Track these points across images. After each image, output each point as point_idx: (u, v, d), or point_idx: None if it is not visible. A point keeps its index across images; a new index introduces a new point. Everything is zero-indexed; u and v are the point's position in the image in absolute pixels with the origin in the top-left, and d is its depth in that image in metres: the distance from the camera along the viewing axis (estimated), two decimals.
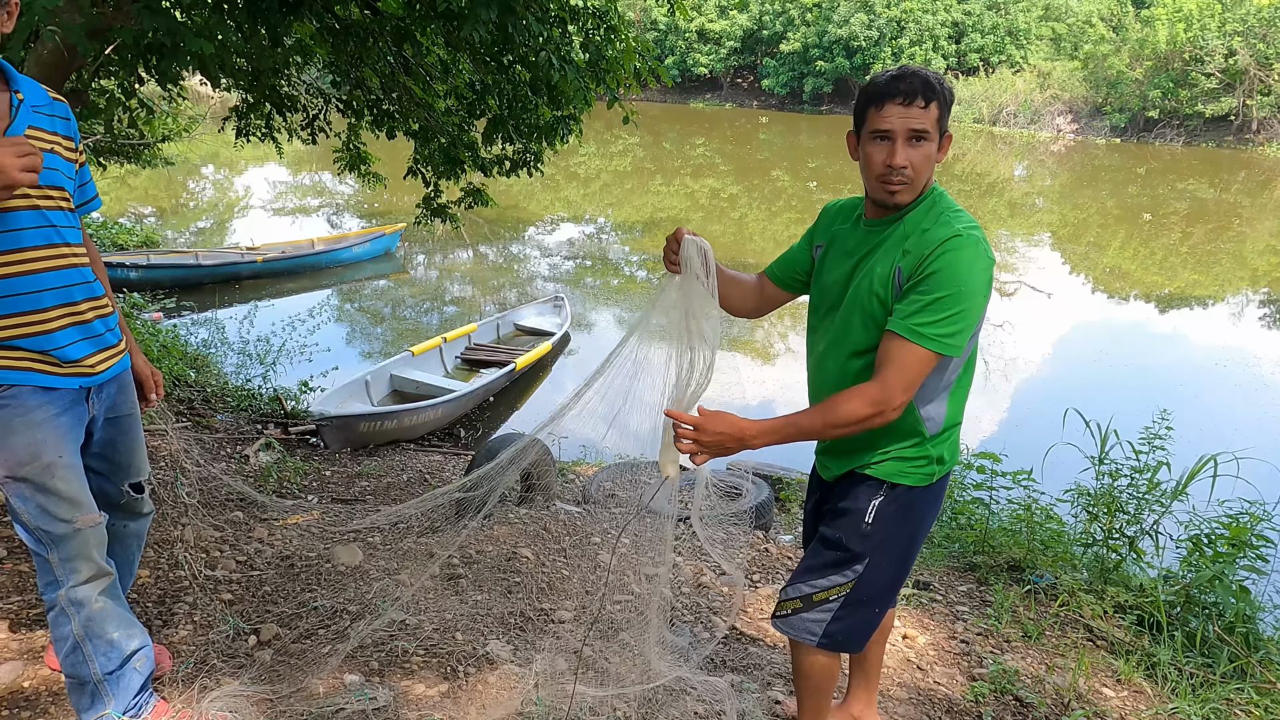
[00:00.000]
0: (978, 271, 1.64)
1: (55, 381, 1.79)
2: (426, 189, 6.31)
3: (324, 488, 4.84)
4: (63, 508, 1.78)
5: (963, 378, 1.81)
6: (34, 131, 1.76)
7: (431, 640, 2.45)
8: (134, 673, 1.92)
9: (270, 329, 8.22)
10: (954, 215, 1.70)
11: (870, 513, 1.80)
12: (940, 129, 1.70)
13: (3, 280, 1.70)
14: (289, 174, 21.44)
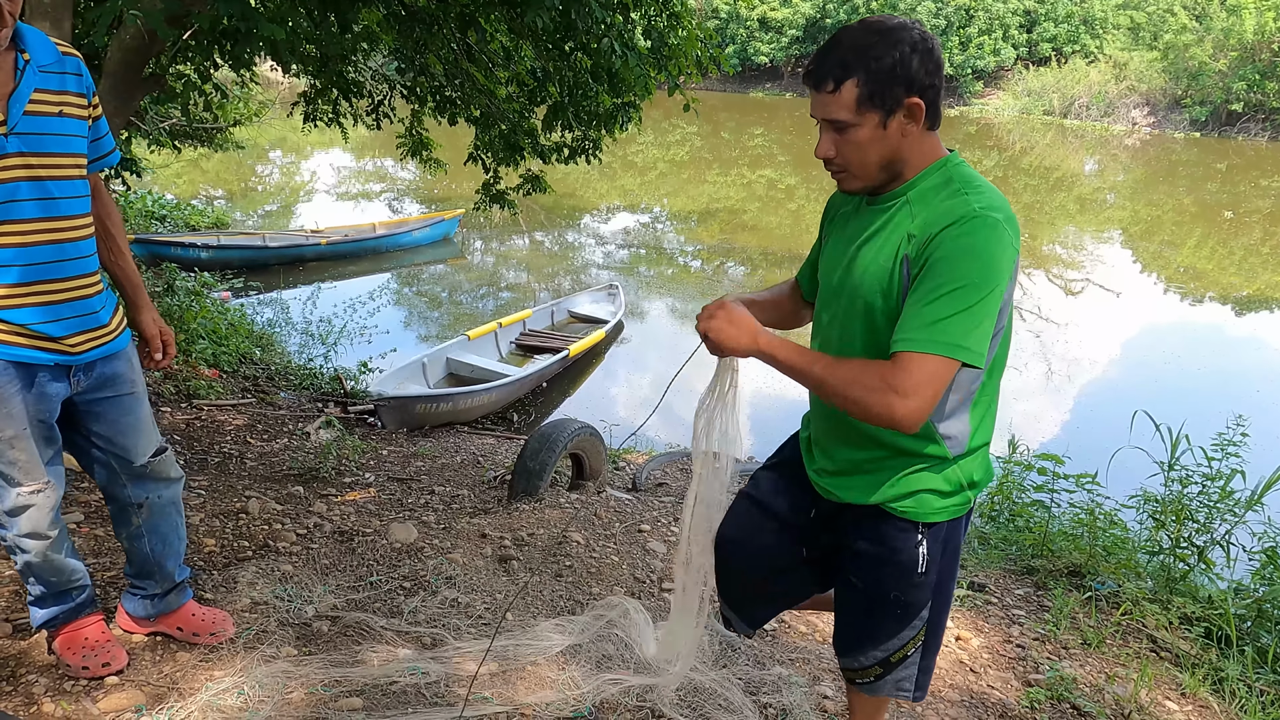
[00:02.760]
0: (1000, 260, 1.36)
1: (34, 357, 1.78)
2: (486, 175, 6.38)
3: (380, 466, 4.94)
4: (16, 475, 1.83)
5: (986, 386, 1.54)
6: (40, 94, 1.73)
7: (484, 619, 2.49)
8: (69, 599, 2.04)
9: (332, 310, 8.44)
10: (972, 190, 1.41)
11: (922, 562, 1.58)
12: (880, 106, 1.39)
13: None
14: (352, 159, 21.88)
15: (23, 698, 1.97)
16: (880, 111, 1.40)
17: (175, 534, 2.17)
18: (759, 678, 2.42)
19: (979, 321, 1.35)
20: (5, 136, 1.67)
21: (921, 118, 1.42)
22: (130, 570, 2.17)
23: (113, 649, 2.09)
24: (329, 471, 4.42)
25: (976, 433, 1.55)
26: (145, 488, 2.06)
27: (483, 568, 2.83)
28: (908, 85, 1.39)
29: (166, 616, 2.21)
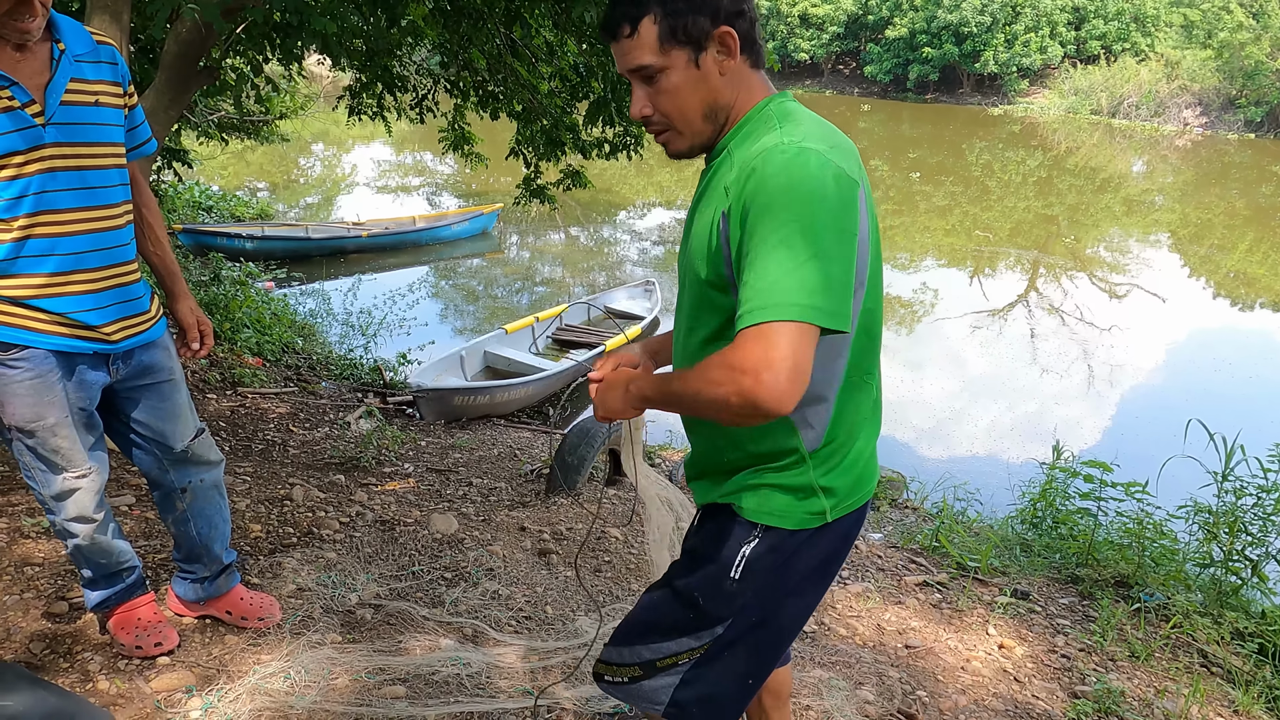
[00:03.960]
0: (824, 192, 1.10)
1: (74, 346, 1.80)
2: (527, 170, 6.40)
3: (419, 457, 4.99)
4: (60, 461, 1.86)
5: (856, 368, 1.27)
6: (76, 84, 1.74)
7: (524, 612, 2.50)
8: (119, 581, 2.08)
9: (372, 302, 8.54)
10: (788, 123, 1.19)
11: (738, 566, 1.30)
12: (686, 41, 1.19)
13: (31, 241, 1.71)
14: (392, 153, 22.12)
15: (79, 674, 2.02)
16: (688, 48, 1.20)
17: (220, 517, 2.20)
18: (799, 679, 2.40)
19: (826, 271, 1.08)
20: (43, 126, 1.69)
21: (737, 50, 1.21)
22: (178, 554, 2.21)
23: (164, 629, 2.13)
24: (369, 461, 4.47)
25: (837, 423, 1.28)
26: (187, 473, 2.09)
27: (522, 560, 2.85)
28: (713, 13, 1.19)
29: (215, 600, 2.25)
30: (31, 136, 1.67)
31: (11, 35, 1.62)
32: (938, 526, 3.90)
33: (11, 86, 1.64)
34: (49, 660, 2.07)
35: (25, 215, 1.69)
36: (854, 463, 1.32)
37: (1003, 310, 10.77)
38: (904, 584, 3.24)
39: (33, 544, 2.58)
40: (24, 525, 2.67)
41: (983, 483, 5.46)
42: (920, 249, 14.18)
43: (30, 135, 1.67)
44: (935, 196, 18.35)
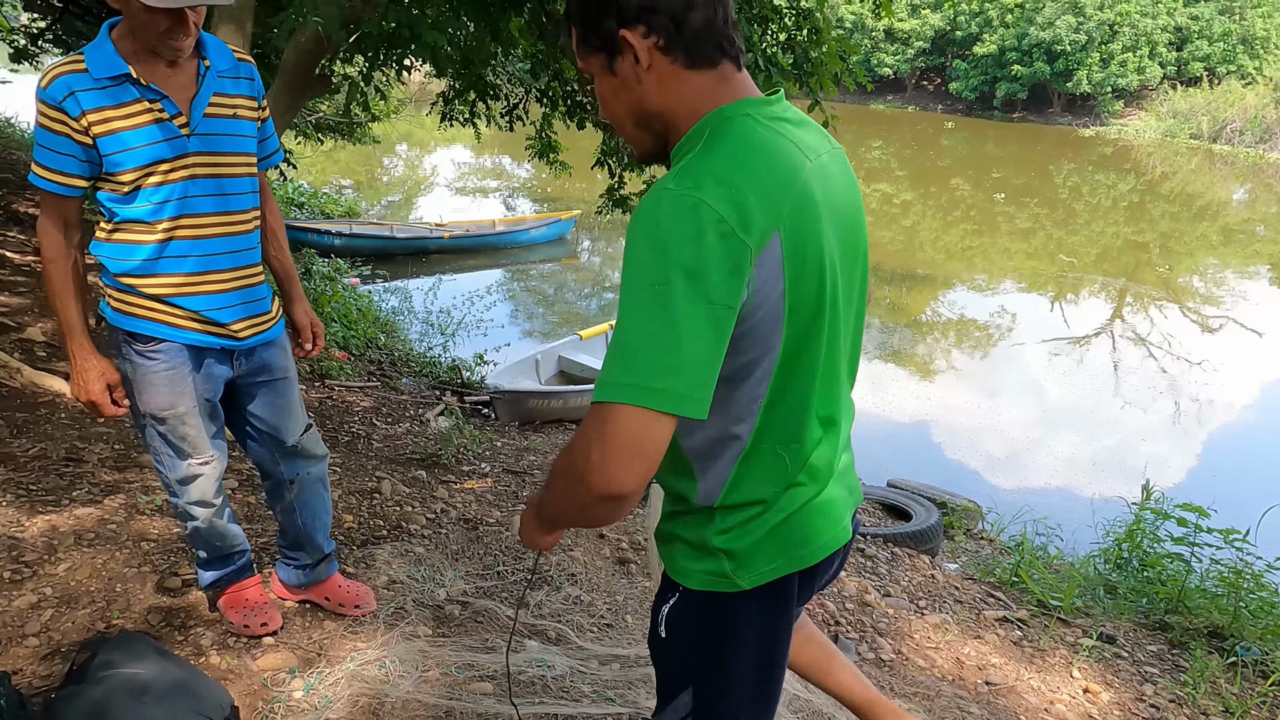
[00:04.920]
0: (675, 245, 0.95)
1: (205, 341, 1.92)
2: (611, 179, 6.49)
3: (495, 457, 5.10)
4: (186, 448, 1.98)
5: (769, 434, 1.10)
6: (218, 98, 1.85)
7: (604, 619, 2.55)
8: (230, 563, 2.20)
9: (451, 301, 8.76)
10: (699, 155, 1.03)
11: (661, 623, 1.22)
12: (597, 47, 1.09)
13: (174, 242, 1.82)
14: (471, 155, 22.63)
15: (192, 648, 2.15)
16: (600, 54, 1.10)
17: (323, 508, 2.30)
18: None
19: (673, 344, 0.94)
20: (188, 137, 1.80)
21: (650, 54, 1.07)
22: (284, 541, 2.33)
23: (270, 610, 2.25)
24: (449, 459, 4.59)
25: (740, 487, 1.13)
26: (296, 465, 2.19)
27: (602, 568, 2.90)
28: (617, 14, 1.06)
29: (316, 586, 2.36)
30: (178, 146, 1.79)
31: (165, 52, 1.74)
32: (1017, 561, 3.81)
33: (162, 100, 1.76)
34: (165, 632, 2.20)
35: (168, 219, 1.81)
36: (775, 529, 1.14)
37: (1085, 339, 10.42)
38: (983, 618, 3.18)
39: (147, 520, 2.74)
40: (139, 502, 2.84)
41: (1061, 517, 5.30)
42: (999, 271, 13.82)
43: (176, 145, 1.78)
44: (1018, 218, 17.86)
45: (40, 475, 2.92)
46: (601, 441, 0.95)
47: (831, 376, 1.15)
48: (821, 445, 1.16)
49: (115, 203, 1.78)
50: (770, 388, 1.08)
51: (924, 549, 3.96)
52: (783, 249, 1.01)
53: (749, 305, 1.00)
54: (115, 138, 1.72)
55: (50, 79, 1.68)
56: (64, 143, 1.71)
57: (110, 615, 2.22)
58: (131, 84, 1.73)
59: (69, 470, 3.01)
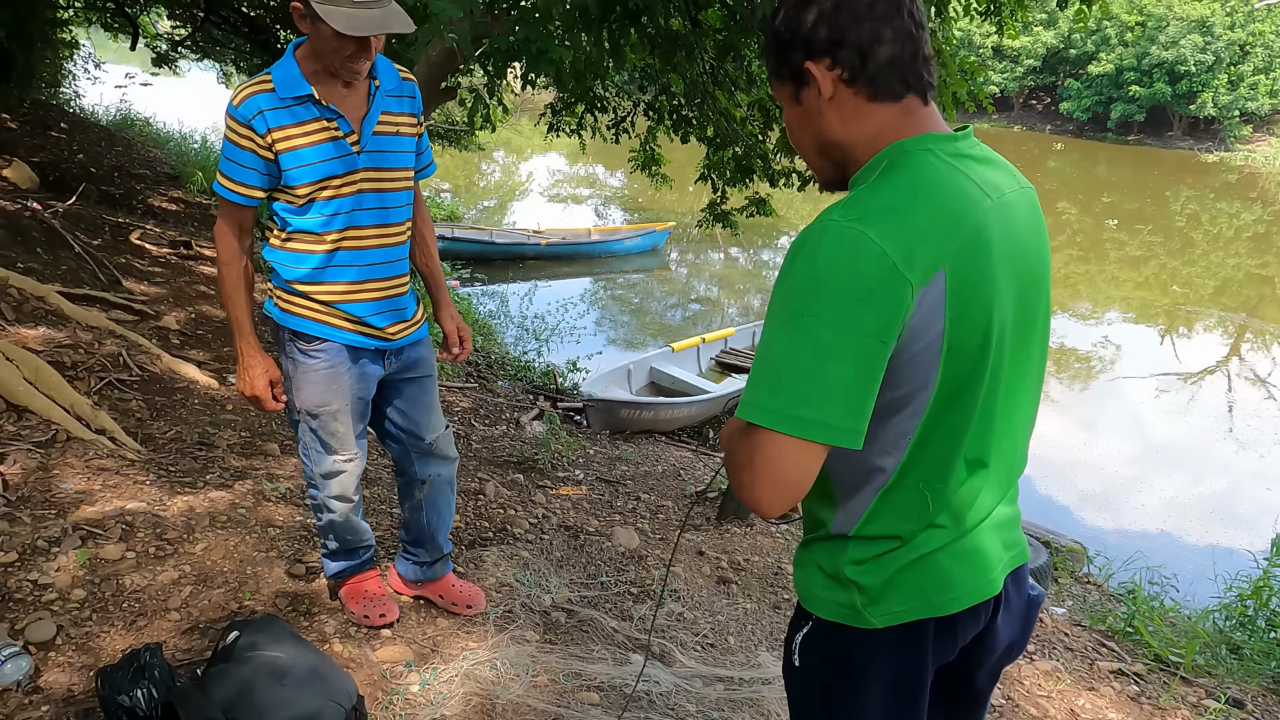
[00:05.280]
0: (834, 277, 0.97)
1: (361, 342, 2.02)
2: (714, 194, 6.51)
3: (589, 465, 5.16)
4: (334, 444, 2.07)
5: (915, 470, 1.09)
6: (386, 116, 1.94)
7: (708, 639, 2.55)
8: (356, 556, 2.29)
9: (546, 308, 8.93)
10: (871, 182, 1.05)
11: (795, 651, 1.20)
12: (787, 78, 1.12)
13: (339, 253, 1.93)
14: (566, 164, 23.01)
15: (317, 635, 2.24)
16: (788, 84, 1.13)
17: (448, 510, 2.38)
18: None
19: (823, 373, 0.95)
20: (358, 154, 1.89)
21: (832, 87, 1.08)
22: (406, 537, 2.41)
23: (388, 603, 2.33)
24: (545, 464, 4.67)
25: (877, 519, 1.12)
26: (429, 465, 2.27)
27: (703, 586, 2.90)
28: (805, 47, 1.09)
29: (431, 583, 2.44)
30: (349, 162, 1.88)
31: (345, 75, 1.83)
32: (1131, 611, 3.62)
33: (338, 119, 1.87)
34: (292, 617, 2.31)
35: (337, 231, 1.91)
36: (908, 567, 1.11)
37: (1197, 375, 9.85)
38: (1097, 669, 3.03)
39: (273, 507, 2.88)
40: (265, 489, 2.99)
41: (1174, 565, 5.01)
42: (1105, 300, 13.21)
43: (348, 161, 1.88)
44: (1129, 245, 17.04)
45: (177, 457, 3.11)
46: (751, 468, 0.99)
47: (989, 421, 1.12)
48: (967, 489, 1.13)
49: (290, 214, 1.89)
50: (921, 424, 1.07)
51: None
52: (946, 286, 1.00)
53: (905, 340, 1.00)
54: (295, 154, 1.82)
55: (242, 98, 1.80)
56: (249, 157, 1.82)
57: (242, 596, 2.35)
58: (313, 103, 1.83)
59: (202, 454, 3.20)
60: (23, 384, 3.00)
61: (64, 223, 5.16)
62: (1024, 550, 1.23)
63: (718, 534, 3.53)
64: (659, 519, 4.04)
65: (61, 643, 2.03)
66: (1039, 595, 1.27)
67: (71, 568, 2.27)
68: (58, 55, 10.97)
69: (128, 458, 2.95)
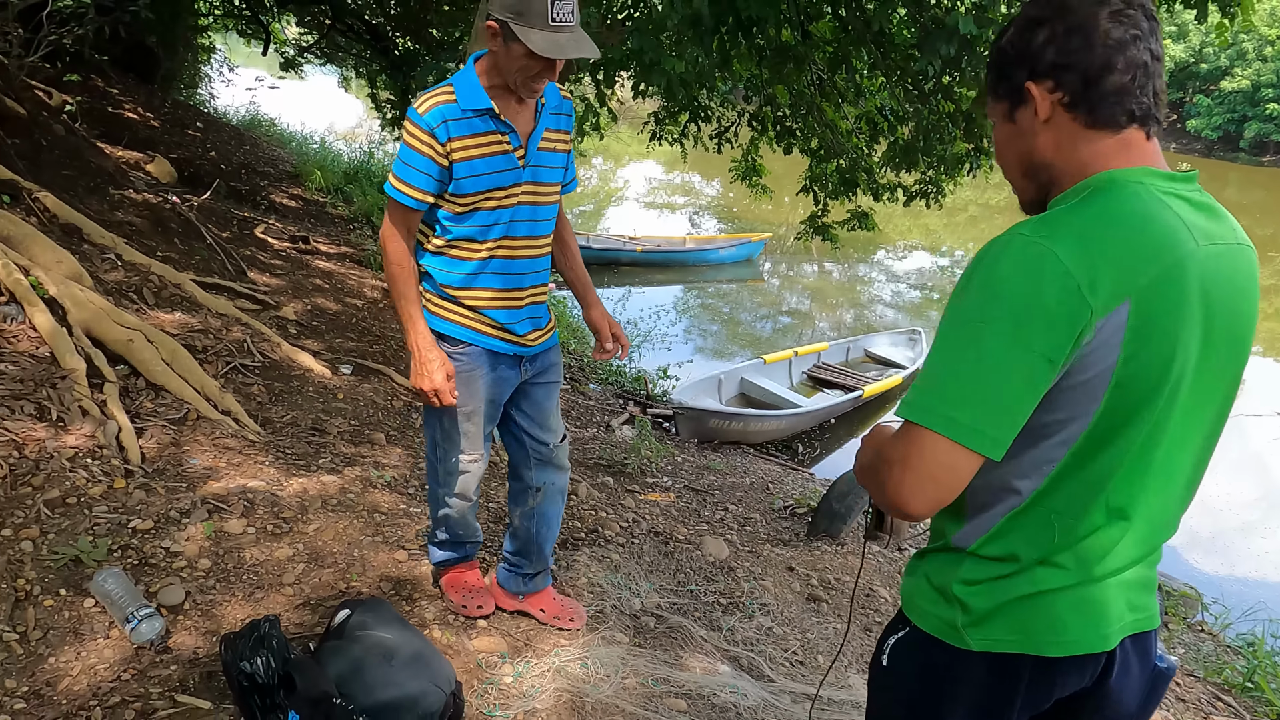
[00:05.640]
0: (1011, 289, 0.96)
1: (502, 348, 2.08)
2: (815, 207, 6.45)
3: (677, 472, 5.18)
4: (464, 443, 2.13)
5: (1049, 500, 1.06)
6: (549, 133, 2.00)
7: (797, 655, 2.52)
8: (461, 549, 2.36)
9: (638, 314, 9.00)
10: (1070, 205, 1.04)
11: (886, 652, 1.21)
12: (1004, 95, 1.12)
13: (493, 261, 1.99)
14: (662, 171, 23.13)
15: (417, 620, 2.33)
16: (1004, 102, 1.13)
17: (556, 520, 2.39)
18: None
19: (975, 385, 0.96)
20: (522, 168, 1.96)
21: (1048, 108, 1.07)
22: (511, 547, 2.42)
23: (485, 595, 2.40)
24: (634, 468, 4.72)
25: (999, 539, 1.09)
26: (545, 473, 2.29)
27: (793, 601, 2.87)
28: (1030, 66, 1.08)
29: (532, 596, 2.45)
30: (514, 176, 1.95)
31: (525, 93, 1.90)
32: (1253, 666, 3.39)
33: (510, 133, 1.93)
34: (395, 601, 2.40)
35: (493, 240, 1.98)
36: (1019, 600, 1.09)
37: None
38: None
39: (379, 494, 3.01)
40: (372, 476, 3.13)
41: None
42: None
43: (513, 175, 1.95)
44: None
45: (293, 441, 3.29)
46: (905, 464, 1.00)
47: (1142, 473, 1.08)
48: (1101, 536, 1.09)
49: (451, 221, 1.97)
50: (1068, 455, 1.04)
51: None
52: (1129, 320, 0.98)
53: (1075, 366, 0.99)
54: (469, 164, 1.89)
55: (428, 107, 1.87)
56: (426, 163, 1.88)
57: (350, 577, 2.46)
58: (491, 117, 1.90)
59: (315, 439, 3.36)
60: (161, 365, 3.22)
61: (198, 215, 5.52)
62: (1152, 617, 1.17)
63: (808, 550, 3.48)
64: (747, 531, 4.02)
65: (189, 608, 2.17)
66: (1169, 668, 1.21)
67: (199, 538, 2.42)
68: (197, 59, 11.75)
69: (249, 438, 3.13)
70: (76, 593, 2.10)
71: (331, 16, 9.15)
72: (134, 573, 2.22)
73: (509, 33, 1.78)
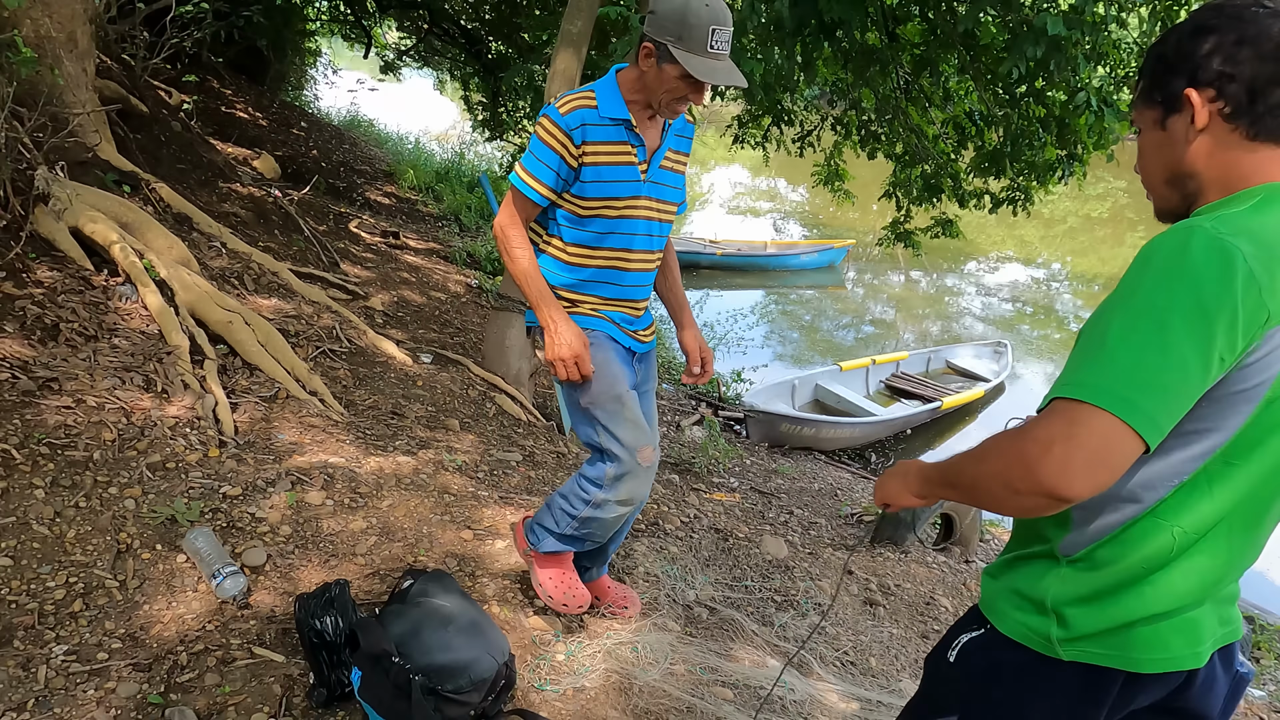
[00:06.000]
0: (1195, 275, 0.93)
1: (621, 338, 2.10)
2: (897, 213, 6.35)
3: (744, 474, 5.19)
4: (630, 433, 2.01)
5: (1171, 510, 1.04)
6: (671, 153, 2.05)
7: (848, 657, 2.51)
8: (580, 544, 2.19)
9: (716, 317, 9.01)
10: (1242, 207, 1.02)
11: (955, 648, 1.19)
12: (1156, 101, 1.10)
13: (606, 270, 2.03)
14: (748, 176, 23.02)
15: (478, 595, 2.43)
16: (1157, 108, 1.10)
17: (628, 526, 2.40)
18: None
19: (1162, 368, 0.92)
20: (643, 182, 2.00)
21: (1206, 116, 1.05)
22: None
23: (584, 591, 2.28)
24: (701, 468, 4.75)
25: (1111, 544, 1.06)
26: None
27: (849, 605, 2.85)
28: (1190, 73, 1.05)
29: (589, 585, 2.45)
30: (635, 188, 2.00)
31: (666, 112, 1.95)
32: None
33: (639, 147, 1.98)
34: (458, 576, 2.51)
35: (607, 249, 2.02)
36: (1120, 610, 1.06)
37: None
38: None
39: (450, 476, 3.13)
40: (444, 460, 3.26)
41: None
42: None
43: (634, 187, 2.00)
44: None
45: (373, 423, 3.45)
46: (1069, 441, 0.93)
47: (1268, 501, 1.06)
48: (1216, 556, 1.07)
49: (570, 223, 2.01)
50: (1200, 470, 1.03)
51: None
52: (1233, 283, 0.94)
53: (1233, 375, 0.97)
54: (596, 169, 1.94)
55: (571, 108, 1.91)
56: (556, 160, 1.92)
57: (418, 552, 2.58)
58: (626, 128, 1.95)
59: (393, 422, 3.53)
60: (256, 345, 3.44)
61: (298, 209, 5.84)
62: (1237, 628, 1.17)
63: (869, 556, 3.45)
64: (810, 534, 4.01)
65: (269, 569, 2.33)
66: (1248, 673, 1.20)
67: (281, 507, 2.59)
68: (304, 63, 12.38)
69: (332, 418, 3.31)
70: (170, 549, 2.28)
71: (429, 21, 9.51)
72: (222, 534, 2.39)
73: (666, 55, 1.82)
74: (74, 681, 1.81)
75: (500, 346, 4.52)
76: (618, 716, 2.06)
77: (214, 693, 1.86)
